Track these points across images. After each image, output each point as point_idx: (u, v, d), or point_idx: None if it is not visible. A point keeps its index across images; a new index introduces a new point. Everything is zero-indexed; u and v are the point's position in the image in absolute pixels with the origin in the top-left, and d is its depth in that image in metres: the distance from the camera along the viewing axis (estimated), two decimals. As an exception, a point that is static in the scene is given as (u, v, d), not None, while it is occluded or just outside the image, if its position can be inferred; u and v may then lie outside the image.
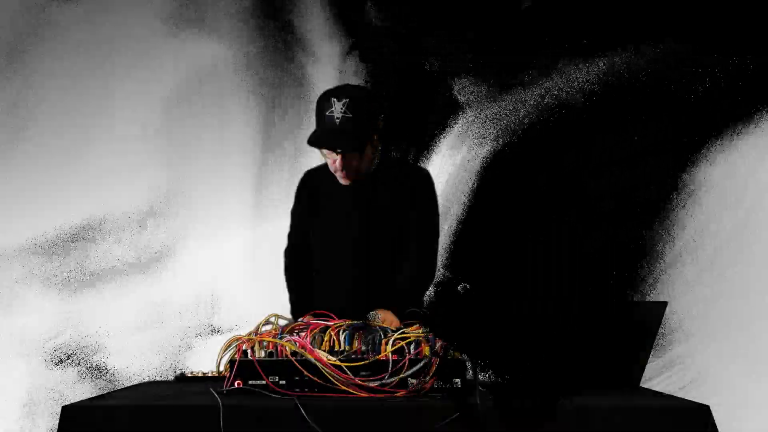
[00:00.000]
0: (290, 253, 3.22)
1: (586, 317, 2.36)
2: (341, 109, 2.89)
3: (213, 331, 4.28)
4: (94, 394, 2.36)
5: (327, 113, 2.89)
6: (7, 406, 4.16)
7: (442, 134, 4.45)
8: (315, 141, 2.94)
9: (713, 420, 2.15)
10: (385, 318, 2.85)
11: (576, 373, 2.33)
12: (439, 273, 3.44)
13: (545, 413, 2.13)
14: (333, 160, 2.97)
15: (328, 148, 2.94)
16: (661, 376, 4.09)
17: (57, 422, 2.13)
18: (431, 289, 3.32)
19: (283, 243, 3.24)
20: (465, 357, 2.36)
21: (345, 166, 2.96)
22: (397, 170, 3.12)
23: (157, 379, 2.81)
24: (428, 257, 3.14)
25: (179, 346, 4.25)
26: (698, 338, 4.31)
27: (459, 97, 4.42)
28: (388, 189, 3.08)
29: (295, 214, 3.22)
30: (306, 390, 2.26)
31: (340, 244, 3.09)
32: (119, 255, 4.34)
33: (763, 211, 4.32)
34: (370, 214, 3.07)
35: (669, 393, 2.42)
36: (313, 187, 3.16)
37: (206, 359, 4.09)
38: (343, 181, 3.01)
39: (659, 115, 4.34)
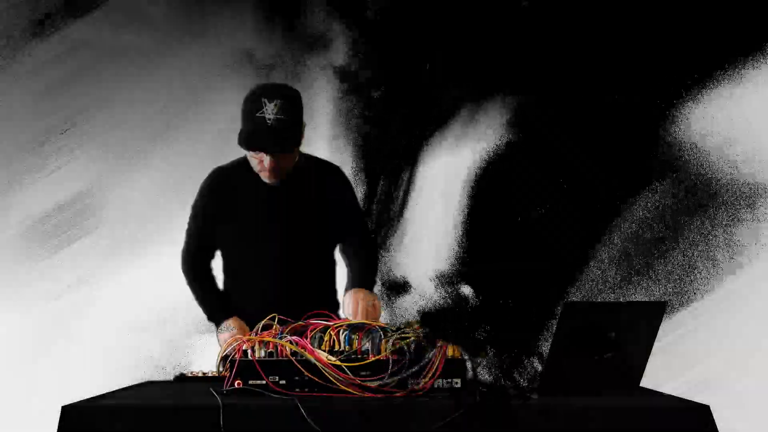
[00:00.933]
0: (195, 258, 3.16)
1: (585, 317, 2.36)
2: (273, 110, 2.86)
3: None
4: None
5: (257, 114, 2.86)
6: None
7: (433, 138, 4.46)
8: (247, 142, 2.91)
9: (713, 420, 2.15)
10: (363, 297, 2.89)
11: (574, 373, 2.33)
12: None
13: (543, 412, 2.13)
14: (260, 161, 2.94)
15: (263, 150, 2.92)
16: (662, 376, 4.09)
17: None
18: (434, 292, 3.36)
19: None
20: (465, 357, 2.36)
21: (274, 167, 2.94)
22: (312, 167, 3.14)
23: (157, 379, 2.80)
24: (369, 239, 3.30)
25: (180, 345, 4.25)
26: (698, 338, 4.31)
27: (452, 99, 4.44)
28: (308, 187, 3.09)
29: (204, 214, 3.13)
30: (306, 390, 2.26)
31: (268, 245, 3.07)
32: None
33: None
34: (296, 214, 3.07)
35: (669, 393, 2.42)
36: (228, 187, 3.10)
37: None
38: (269, 180, 2.99)
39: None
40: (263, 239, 3.08)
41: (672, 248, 4.39)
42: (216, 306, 3.11)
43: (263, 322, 2.57)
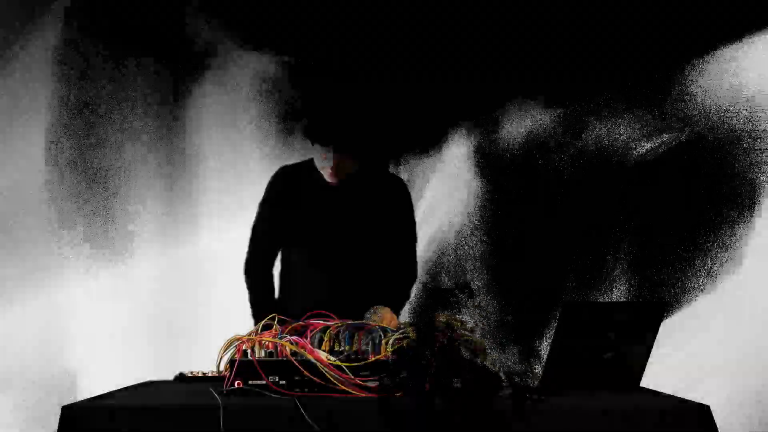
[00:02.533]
0: (257, 258, 3.19)
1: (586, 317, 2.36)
2: (341, 109, 2.95)
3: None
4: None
5: (326, 110, 2.96)
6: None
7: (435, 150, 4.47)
8: (313, 135, 2.98)
9: (713, 420, 2.15)
10: (384, 315, 2.86)
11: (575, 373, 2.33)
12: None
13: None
14: (324, 155, 2.99)
15: (327, 144, 2.96)
16: (661, 376, 4.09)
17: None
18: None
19: None
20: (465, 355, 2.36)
21: (338, 164, 2.97)
22: (375, 177, 3.16)
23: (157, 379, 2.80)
24: (410, 261, 3.22)
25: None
26: (698, 338, 4.31)
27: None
28: (369, 194, 3.11)
29: (268, 213, 3.17)
30: (306, 390, 2.26)
31: (324, 244, 3.09)
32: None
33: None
34: (355, 218, 3.09)
35: (669, 393, 2.42)
36: (293, 186, 3.15)
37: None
38: (330, 179, 3.03)
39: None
40: (320, 238, 3.10)
41: (671, 248, 4.39)
42: (265, 311, 2.98)
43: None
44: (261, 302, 3.15)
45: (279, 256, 3.24)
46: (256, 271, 3.20)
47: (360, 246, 3.11)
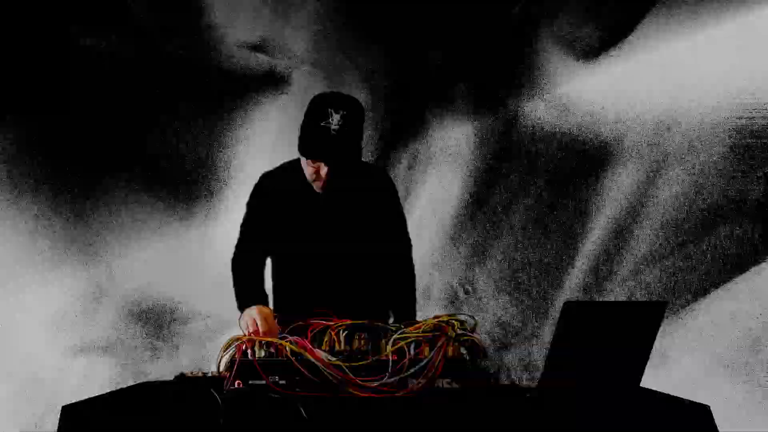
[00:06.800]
0: (242, 255, 3.10)
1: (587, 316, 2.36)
2: (338, 120, 2.81)
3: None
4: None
5: (322, 123, 2.81)
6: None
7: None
8: (309, 152, 2.87)
9: (713, 420, 2.15)
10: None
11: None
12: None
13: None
14: (316, 170, 2.88)
15: (325, 161, 2.86)
16: (661, 376, 4.10)
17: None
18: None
19: None
20: (465, 356, 2.36)
21: (329, 178, 2.88)
22: (358, 173, 3.04)
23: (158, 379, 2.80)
24: (408, 260, 3.19)
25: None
26: (698, 338, 4.31)
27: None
28: (355, 194, 3.04)
29: (253, 219, 3.09)
30: (306, 390, 2.26)
31: (316, 249, 3.04)
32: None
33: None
34: (344, 219, 3.05)
35: (669, 393, 2.42)
36: (275, 192, 3.07)
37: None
38: (319, 189, 2.95)
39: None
40: (311, 243, 3.05)
41: (670, 248, 4.40)
42: (246, 294, 2.98)
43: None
44: (241, 287, 3.02)
45: (269, 263, 3.17)
46: (239, 266, 3.10)
47: (352, 247, 3.06)
